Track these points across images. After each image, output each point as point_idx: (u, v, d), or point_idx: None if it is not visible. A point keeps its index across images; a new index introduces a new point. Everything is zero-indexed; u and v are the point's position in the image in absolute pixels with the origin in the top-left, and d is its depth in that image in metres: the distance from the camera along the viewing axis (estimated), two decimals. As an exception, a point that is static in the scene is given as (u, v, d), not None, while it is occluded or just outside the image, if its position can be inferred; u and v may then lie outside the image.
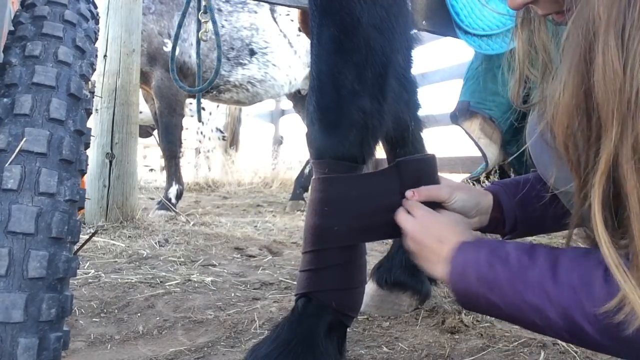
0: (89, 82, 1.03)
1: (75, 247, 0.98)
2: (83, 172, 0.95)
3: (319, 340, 1.06)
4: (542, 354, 1.26)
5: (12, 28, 1.01)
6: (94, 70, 1.08)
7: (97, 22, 1.17)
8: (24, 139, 0.85)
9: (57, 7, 1.02)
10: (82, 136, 0.96)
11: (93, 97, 1.05)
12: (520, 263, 0.75)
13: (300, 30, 4.36)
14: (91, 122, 3.04)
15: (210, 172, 7.35)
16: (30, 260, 0.79)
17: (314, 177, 1.10)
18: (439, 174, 1.08)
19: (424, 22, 2.10)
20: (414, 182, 1.02)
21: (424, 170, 1.05)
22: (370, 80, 1.09)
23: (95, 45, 1.13)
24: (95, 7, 1.18)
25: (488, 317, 1.56)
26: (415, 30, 1.81)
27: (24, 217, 0.80)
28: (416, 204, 0.98)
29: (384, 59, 1.11)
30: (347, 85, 1.08)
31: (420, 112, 1.75)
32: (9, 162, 0.83)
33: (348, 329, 1.21)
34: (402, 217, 0.98)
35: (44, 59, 0.94)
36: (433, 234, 0.90)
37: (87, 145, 0.99)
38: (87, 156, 0.98)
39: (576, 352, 1.26)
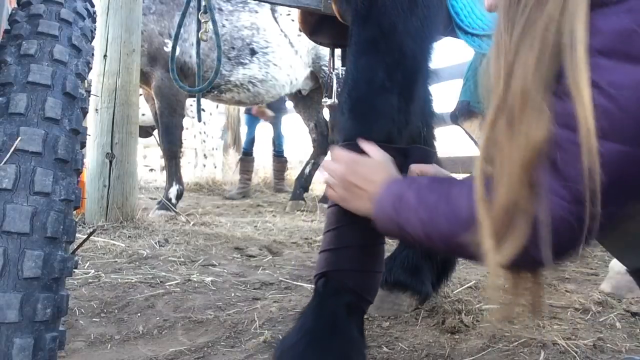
0: (85, 81, 1.02)
1: (73, 247, 0.98)
2: (79, 172, 0.95)
3: (342, 326, 1.08)
4: (542, 354, 1.25)
5: (7, 26, 1.01)
6: (90, 69, 1.07)
7: (93, 21, 1.17)
8: (19, 138, 0.84)
9: (53, 5, 1.02)
10: (78, 135, 0.96)
11: (89, 96, 1.04)
12: (420, 193, 0.85)
13: (300, 31, 4.35)
14: (91, 122, 3.04)
15: (210, 171, 7.34)
16: (25, 260, 0.79)
17: None
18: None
19: (424, 22, 2.10)
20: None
21: (429, 158, 1.18)
22: (399, 80, 1.19)
23: (92, 44, 1.12)
24: (92, 6, 1.17)
25: (488, 317, 1.55)
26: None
27: (18, 216, 0.80)
28: (341, 151, 1.04)
29: (414, 63, 1.22)
30: (378, 81, 1.17)
31: (434, 120, 1.77)
32: (3, 162, 0.82)
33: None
34: (329, 165, 1.03)
35: (40, 57, 0.94)
36: (361, 175, 0.97)
37: (82, 145, 0.99)
38: (83, 155, 0.98)
39: (576, 352, 1.25)
